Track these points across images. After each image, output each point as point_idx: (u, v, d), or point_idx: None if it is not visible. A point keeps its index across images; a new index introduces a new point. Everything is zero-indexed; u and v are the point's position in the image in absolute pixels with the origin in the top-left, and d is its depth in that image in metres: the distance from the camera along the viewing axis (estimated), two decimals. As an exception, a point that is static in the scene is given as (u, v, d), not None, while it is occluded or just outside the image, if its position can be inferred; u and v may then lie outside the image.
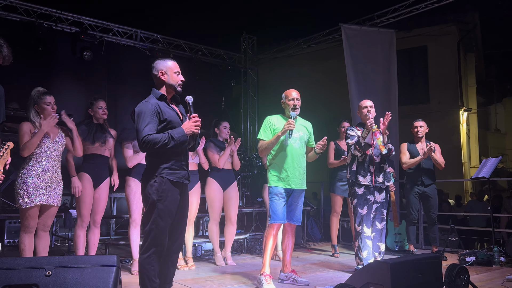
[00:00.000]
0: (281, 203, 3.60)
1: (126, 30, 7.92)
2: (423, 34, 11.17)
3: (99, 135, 3.94)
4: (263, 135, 3.70)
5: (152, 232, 2.68)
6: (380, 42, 7.37)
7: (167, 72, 2.87)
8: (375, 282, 2.71)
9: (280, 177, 3.63)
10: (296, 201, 3.71)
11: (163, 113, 2.76)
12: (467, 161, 12.64)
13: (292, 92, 3.74)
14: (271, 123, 3.72)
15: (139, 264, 2.71)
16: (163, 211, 2.70)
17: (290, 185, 3.63)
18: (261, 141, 3.70)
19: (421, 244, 6.05)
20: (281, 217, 3.59)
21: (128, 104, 7.41)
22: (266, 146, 3.65)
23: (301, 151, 3.73)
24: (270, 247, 3.59)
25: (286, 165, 3.63)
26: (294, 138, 3.66)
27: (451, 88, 11.57)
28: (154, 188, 2.70)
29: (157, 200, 2.69)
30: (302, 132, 3.75)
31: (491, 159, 5.32)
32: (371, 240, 4.07)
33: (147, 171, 2.80)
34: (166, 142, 2.64)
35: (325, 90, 11.38)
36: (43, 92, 3.47)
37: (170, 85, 2.88)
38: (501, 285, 3.54)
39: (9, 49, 2.29)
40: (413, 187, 5.23)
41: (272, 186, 3.64)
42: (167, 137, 2.65)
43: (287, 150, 3.65)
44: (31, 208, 3.31)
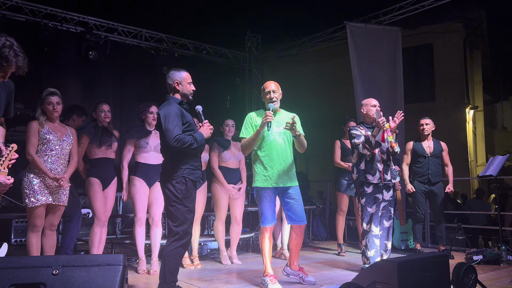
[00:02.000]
0: (271, 204, 3.47)
1: (131, 30, 7.93)
2: (429, 31, 11.09)
3: (105, 138, 4.01)
4: (245, 132, 3.53)
5: (181, 227, 2.95)
6: (385, 40, 7.33)
7: (182, 83, 3.18)
8: (382, 281, 2.69)
9: (265, 176, 3.46)
10: (292, 198, 3.51)
11: (185, 116, 3.09)
12: (474, 159, 12.56)
13: (269, 85, 3.55)
14: (252, 120, 3.55)
15: (163, 256, 2.95)
16: (189, 208, 2.99)
17: (278, 184, 3.45)
18: (243, 139, 3.52)
19: (428, 243, 6.01)
20: (271, 219, 3.48)
21: (134, 103, 7.41)
22: (247, 143, 3.47)
23: (286, 146, 3.54)
24: (268, 249, 3.49)
25: (272, 162, 3.45)
26: (278, 133, 3.49)
27: (457, 86, 11.50)
28: (179, 187, 2.97)
29: (183, 198, 2.97)
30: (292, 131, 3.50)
31: (498, 157, 5.27)
32: (379, 238, 4.05)
33: (169, 171, 3.04)
34: (192, 143, 2.96)
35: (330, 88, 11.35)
36: (49, 92, 3.52)
37: (183, 94, 3.19)
38: (509, 283, 3.51)
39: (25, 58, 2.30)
40: (420, 185, 5.20)
41: (258, 186, 3.47)
42: (192, 139, 2.98)
43: (271, 146, 3.47)
44: (38, 208, 3.33)
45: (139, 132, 4.20)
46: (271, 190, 3.47)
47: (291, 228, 3.64)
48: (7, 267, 1.98)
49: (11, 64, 2.25)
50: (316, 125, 10.67)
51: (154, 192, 4.16)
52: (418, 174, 5.23)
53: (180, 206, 2.97)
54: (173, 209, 2.99)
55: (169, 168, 3.04)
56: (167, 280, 2.91)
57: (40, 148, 3.41)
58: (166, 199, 3.06)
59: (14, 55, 2.25)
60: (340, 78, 10.18)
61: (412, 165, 5.32)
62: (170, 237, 3.00)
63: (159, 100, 3.35)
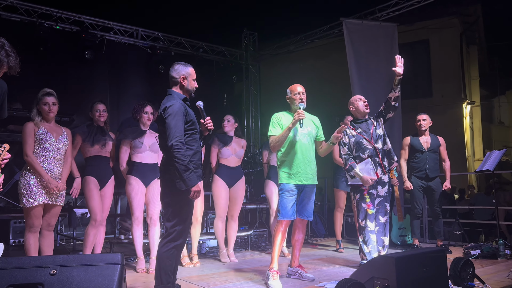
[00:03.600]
0: (292, 200, 3.60)
1: (127, 29, 7.92)
2: (425, 27, 11.10)
3: (98, 137, 3.99)
4: (273, 131, 3.67)
5: (177, 227, 2.86)
6: (382, 36, 7.34)
7: (188, 78, 3.06)
8: (380, 276, 2.70)
9: (290, 173, 3.61)
10: (308, 197, 3.71)
11: (189, 114, 2.97)
12: (471, 154, 12.59)
13: (297, 87, 3.73)
14: (278, 119, 3.71)
15: (158, 258, 2.88)
16: (188, 207, 2.92)
17: (302, 181, 3.62)
18: (272, 137, 3.65)
19: (426, 238, 6.03)
20: (290, 214, 3.59)
21: (130, 102, 7.39)
22: (278, 139, 3.59)
23: (310, 146, 3.72)
24: (279, 243, 3.60)
25: (297, 161, 3.62)
26: (302, 134, 3.65)
27: (454, 81, 11.51)
28: (178, 186, 2.85)
29: (181, 197, 2.86)
30: (310, 127, 3.74)
31: (495, 151, 5.29)
32: (375, 234, 4.07)
33: (169, 170, 2.90)
34: (183, 169, 2.78)
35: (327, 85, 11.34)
36: (45, 92, 3.52)
37: (187, 90, 3.07)
38: (507, 277, 3.53)
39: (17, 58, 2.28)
40: (417, 180, 5.21)
41: (284, 183, 3.63)
42: (188, 169, 2.79)
43: (297, 146, 3.64)
44: (35, 208, 3.33)
45: (133, 132, 4.20)
46: (294, 187, 3.61)
47: (296, 223, 3.77)
48: (5, 268, 1.97)
49: (3, 64, 2.23)
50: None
51: (151, 191, 4.15)
52: (416, 169, 5.24)
53: (177, 206, 2.90)
54: (170, 209, 2.93)
55: (170, 165, 2.91)
56: (163, 281, 2.84)
57: (36, 149, 3.40)
58: (163, 197, 2.99)
59: (5, 55, 2.23)
60: (337, 74, 10.17)
61: (409, 161, 5.33)
62: (164, 237, 2.92)
63: (156, 99, 3.34)
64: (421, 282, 2.76)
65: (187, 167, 2.79)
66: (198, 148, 3.04)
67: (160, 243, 2.93)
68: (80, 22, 7.27)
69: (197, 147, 3.03)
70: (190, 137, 2.96)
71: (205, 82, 8.71)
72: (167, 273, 2.84)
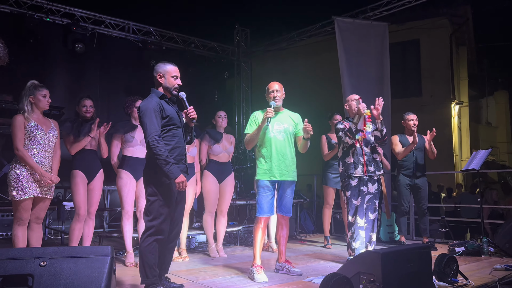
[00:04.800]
0: (268, 196, 3.64)
1: (119, 22, 7.87)
2: (416, 27, 11.20)
3: (84, 131, 3.94)
4: (249, 129, 3.75)
5: (155, 221, 2.89)
6: (373, 35, 7.40)
7: (165, 76, 3.09)
8: (366, 271, 2.75)
9: (264, 169, 3.67)
10: (286, 193, 3.75)
11: (165, 110, 2.99)
12: (459, 153, 12.76)
13: (273, 85, 3.77)
14: (255, 117, 3.77)
15: (140, 252, 2.89)
16: (164, 203, 2.92)
17: (276, 177, 3.65)
18: (247, 135, 3.76)
19: (412, 235, 6.13)
20: (267, 210, 3.63)
21: (121, 96, 7.36)
22: (249, 138, 3.71)
23: (286, 143, 3.74)
24: (259, 240, 3.64)
25: (270, 157, 3.67)
26: (278, 130, 3.70)
27: (443, 82, 11.64)
28: (156, 180, 2.91)
29: (159, 192, 2.90)
30: (287, 124, 3.77)
31: (481, 151, 5.38)
32: (364, 230, 4.13)
33: (150, 164, 2.99)
34: (163, 163, 2.85)
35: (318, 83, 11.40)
36: (40, 85, 3.50)
37: (166, 88, 3.10)
38: (489, 274, 3.61)
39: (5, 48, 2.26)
40: (405, 178, 5.27)
41: (258, 179, 3.69)
42: (168, 162, 2.85)
43: (271, 142, 3.69)
44: (25, 201, 3.31)
45: (124, 127, 4.20)
46: (269, 183, 3.65)
47: (278, 220, 3.83)
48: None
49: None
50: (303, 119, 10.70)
51: (141, 185, 4.14)
52: (404, 168, 5.30)
53: (156, 200, 2.92)
54: (149, 203, 2.96)
55: (150, 161, 3.00)
56: (148, 275, 2.87)
57: (27, 142, 3.38)
58: (146, 191, 3.03)
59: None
60: (329, 72, 10.23)
61: (397, 159, 5.39)
62: (144, 231, 2.94)
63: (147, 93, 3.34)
64: (406, 277, 2.82)
65: (166, 160, 2.84)
66: (178, 144, 3.04)
67: (141, 238, 2.97)
68: (70, 14, 7.21)
69: (177, 142, 3.03)
70: (168, 132, 3.00)
71: (197, 77, 8.73)
72: (151, 267, 2.87)
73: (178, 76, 3.13)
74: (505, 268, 3.76)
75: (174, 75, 3.10)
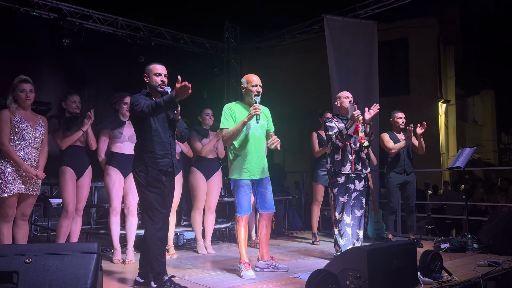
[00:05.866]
0: (248, 195, 3.60)
1: (107, 17, 7.78)
2: (404, 26, 11.31)
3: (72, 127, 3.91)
4: (225, 123, 3.58)
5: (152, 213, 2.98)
6: (361, 33, 7.45)
7: (149, 75, 3.16)
8: (352, 268, 2.79)
9: (244, 168, 3.57)
10: (265, 188, 3.68)
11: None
12: (445, 151, 12.94)
13: (254, 78, 3.66)
14: (231, 111, 3.63)
15: (147, 245, 2.99)
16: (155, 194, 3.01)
17: (255, 176, 3.60)
18: (225, 130, 3.58)
19: (399, 232, 6.20)
20: (247, 209, 3.59)
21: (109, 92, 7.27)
22: (231, 134, 3.53)
23: (262, 140, 3.69)
24: (243, 238, 3.61)
25: (250, 156, 3.57)
26: (255, 127, 3.60)
27: (431, 80, 11.79)
28: (141, 174, 3.01)
29: (147, 185, 3.01)
30: (263, 120, 3.69)
31: (467, 149, 5.46)
32: (350, 227, 4.17)
33: (135, 158, 3.10)
34: (152, 105, 2.87)
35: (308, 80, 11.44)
36: (22, 79, 3.45)
37: (151, 86, 3.16)
38: (473, 270, 3.67)
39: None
40: (396, 176, 5.30)
41: (237, 178, 3.57)
42: (153, 102, 2.89)
43: (250, 140, 3.59)
44: (10, 197, 3.28)
45: (112, 122, 4.18)
46: (248, 181, 3.60)
47: (261, 217, 3.73)
48: (-22, 256, 1.95)
49: None
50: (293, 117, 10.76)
51: (129, 182, 4.14)
52: (395, 166, 5.31)
53: (147, 192, 3.01)
54: (141, 196, 3.06)
55: (135, 155, 3.11)
56: (155, 267, 2.96)
57: (12, 138, 3.34)
58: (137, 187, 3.11)
59: None
60: (318, 70, 10.27)
61: (387, 157, 5.43)
62: (146, 224, 3.03)
63: (135, 89, 3.33)
64: (392, 273, 2.86)
65: (151, 105, 2.87)
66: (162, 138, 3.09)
67: (145, 231, 3.05)
68: (58, 9, 7.10)
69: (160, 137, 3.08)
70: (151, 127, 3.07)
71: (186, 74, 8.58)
72: (156, 257, 2.96)
73: (162, 73, 3.16)
74: (489, 264, 3.83)
75: (156, 72, 3.13)
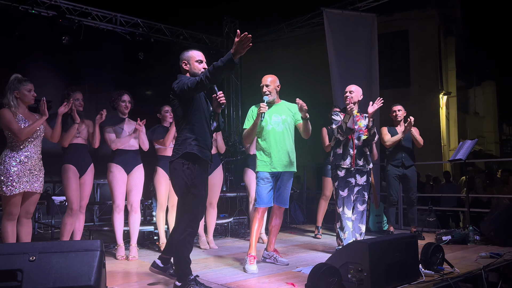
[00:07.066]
0: (267, 187, 3.69)
1: (106, 14, 7.77)
2: (404, 18, 11.25)
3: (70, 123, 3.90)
4: (246, 124, 3.81)
5: (184, 216, 2.88)
6: (361, 26, 7.41)
7: (189, 62, 3.06)
8: (354, 261, 2.80)
9: (264, 161, 3.72)
10: (284, 184, 3.81)
11: (197, 97, 2.98)
12: (446, 143, 12.93)
13: (264, 79, 3.77)
14: (252, 112, 3.82)
15: (175, 246, 2.90)
16: (194, 196, 2.91)
17: (276, 169, 3.71)
18: (244, 130, 3.82)
19: (400, 225, 6.22)
20: (266, 201, 3.69)
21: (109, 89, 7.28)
22: (246, 133, 3.77)
23: (285, 134, 3.78)
24: (256, 230, 3.70)
25: (270, 149, 3.72)
26: (276, 122, 3.73)
27: (432, 72, 11.75)
28: (188, 172, 2.88)
29: (191, 186, 2.89)
30: (285, 115, 3.80)
31: (468, 141, 5.45)
32: (352, 221, 4.18)
33: (174, 153, 2.94)
34: (211, 70, 2.65)
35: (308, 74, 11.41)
36: (25, 79, 3.47)
37: (192, 74, 3.03)
38: (475, 262, 3.69)
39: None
40: (394, 169, 5.34)
41: (258, 171, 3.74)
42: (211, 69, 2.65)
43: (270, 135, 3.73)
44: (15, 196, 3.30)
45: (111, 118, 4.19)
46: (269, 174, 3.70)
47: (273, 209, 3.86)
48: (-17, 255, 1.97)
49: None
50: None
51: (132, 178, 4.16)
52: (392, 159, 5.37)
53: (187, 193, 2.88)
54: (180, 196, 2.91)
55: (175, 150, 2.95)
56: (182, 267, 2.90)
57: (14, 137, 3.35)
58: (173, 186, 2.98)
59: None
60: (318, 63, 10.24)
61: (386, 150, 5.46)
62: (180, 223, 2.91)
63: (136, 86, 3.33)
64: (393, 266, 2.87)
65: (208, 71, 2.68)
66: (203, 129, 2.99)
67: (176, 233, 2.91)
68: (56, 6, 7.08)
69: (202, 127, 2.98)
70: (193, 116, 2.96)
71: (186, 69, 8.65)
72: (185, 260, 2.89)
73: (204, 61, 3.07)
74: (490, 255, 3.84)
75: (198, 59, 3.06)
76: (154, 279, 3.29)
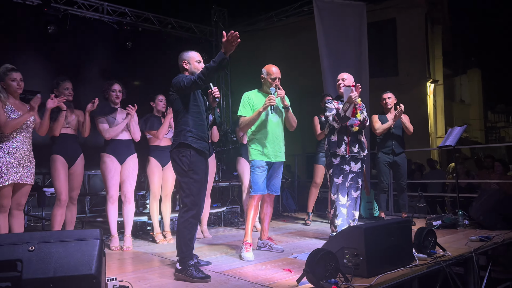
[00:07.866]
0: (262, 175, 3.74)
1: (92, 3, 7.62)
2: (392, 6, 11.27)
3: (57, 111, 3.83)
4: (243, 111, 3.78)
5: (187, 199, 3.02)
6: (351, 14, 7.41)
7: (190, 62, 3.25)
8: (350, 246, 2.84)
9: (260, 151, 3.75)
10: (276, 173, 3.88)
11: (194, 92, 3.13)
12: (434, 131, 13.09)
13: (274, 70, 3.77)
14: (249, 99, 3.79)
15: (177, 229, 3.03)
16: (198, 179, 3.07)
17: (271, 159, 3.77)
18: (242, 118, 3.78)
19: (391, 211, 6.31)
20: (262, 188, 3.73)
21: (97, 79, 7.19)
22: (247, 122, 3.74)
23: (279, 125, 3.84)
24: (252, 217, 3.73)
25: (267, 140, 3.75)
26: (273, 113, 3.75)
27: (419, 61, 11.83)
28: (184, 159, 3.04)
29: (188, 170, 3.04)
30: (280, 106, 3.85)
31: (457, 128, 5.53)
32: (346, 208, 4.23)
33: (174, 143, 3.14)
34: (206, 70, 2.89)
35: (298, 63, 11.40)
36: (10, 68, 3.39)
37: (192, 73, 3.20)
38: (465, 245, 3.77)
39: None
40: (384, 156, 5.40)
41: (254, 159, 3.76)
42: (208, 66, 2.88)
43: (267, 126, 3.76)
44: (5, 187, 3.25)
45: (103, 108, 4.14)
46: (264, 163, 3.75)
47: (264, 198, 3.91)
48: (-20, 246, 1.94)
49: None
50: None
51: (126, 168, 4.13)
52: (383, 146, 5.42)
53: (187, 178, 3.02)
54: (181, 182, 3.07)
55: (175, 140, 3.13)
56: (183, 250, 2.99)
57: (4, 127, 3.30)
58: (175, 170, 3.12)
59: None
60: (308, 52, 10.22)
61: (376, 137, 5.51)
62: (180, 209, 3.08)
63: (124, 76, 3.30)
64: (388, 250, 2.92)
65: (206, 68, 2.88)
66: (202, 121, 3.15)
67: (178, 215, 3.08)
68: (41, -6, 6.93)
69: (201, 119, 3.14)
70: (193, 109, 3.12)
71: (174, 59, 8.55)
72: (186, 243, 2.99)
73: (201, 61, 3.28)
74: (480, 239, 3.93)
75: (198, 59, 3.26)
76: (150, 268, 3.29)
